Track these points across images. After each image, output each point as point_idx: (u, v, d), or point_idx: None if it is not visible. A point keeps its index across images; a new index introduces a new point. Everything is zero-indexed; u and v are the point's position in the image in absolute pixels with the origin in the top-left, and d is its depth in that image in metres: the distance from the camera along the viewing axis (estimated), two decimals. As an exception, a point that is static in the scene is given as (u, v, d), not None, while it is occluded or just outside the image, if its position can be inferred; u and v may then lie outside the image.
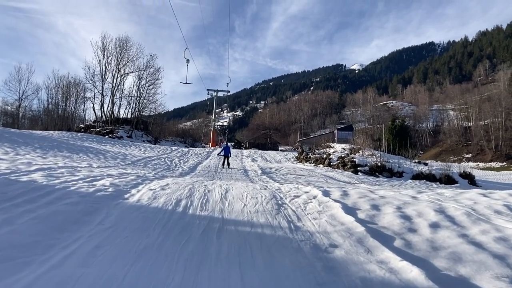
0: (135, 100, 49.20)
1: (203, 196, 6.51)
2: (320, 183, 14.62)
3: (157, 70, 50.85)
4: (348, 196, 6.66)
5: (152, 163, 18.09)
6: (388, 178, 20.96)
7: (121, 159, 17.97)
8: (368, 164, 22.16)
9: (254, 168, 20.70)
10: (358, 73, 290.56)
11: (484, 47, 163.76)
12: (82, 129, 44.62)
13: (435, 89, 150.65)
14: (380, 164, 21.79)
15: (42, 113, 59.66)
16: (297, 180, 15.40)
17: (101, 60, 46.01)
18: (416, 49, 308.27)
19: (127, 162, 16.82)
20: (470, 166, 63.05)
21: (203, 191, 7.18)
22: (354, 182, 17.34)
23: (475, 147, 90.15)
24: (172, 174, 13.43)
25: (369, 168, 21.78)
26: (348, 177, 19.24)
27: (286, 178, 15.76)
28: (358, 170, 21.60)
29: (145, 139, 45.21)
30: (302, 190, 7.75)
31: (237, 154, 32.59)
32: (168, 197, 6.19)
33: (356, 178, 19.08)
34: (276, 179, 14.82)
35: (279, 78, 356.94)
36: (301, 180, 15.17)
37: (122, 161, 16.75)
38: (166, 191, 6.77)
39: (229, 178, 14.25)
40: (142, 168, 14.34)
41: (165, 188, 7.18)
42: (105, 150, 20.98)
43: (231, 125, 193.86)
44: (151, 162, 18.54)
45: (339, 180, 17.54)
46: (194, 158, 25.07)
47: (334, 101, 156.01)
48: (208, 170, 17.54)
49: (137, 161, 17.94)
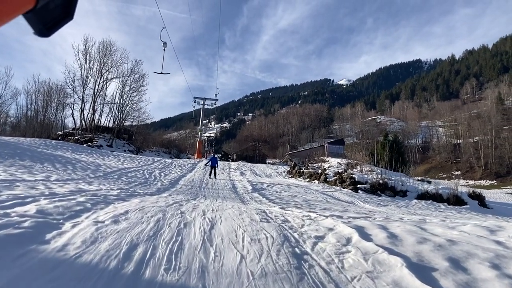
0: (118, 108, 46.58)
1: (176, 237, 4.19)
2: (321, 203, 12.55)
3: (142, 77, 48.42)
4: (398, 238, 4.34)
5: (127, 175, 15.76)
6: (391, 197, 19.00)
7: (93, 170, 15.61)
8: (368, 181, 20.15)
9: (244, 183, 18.49)
10: (345, 88, 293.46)
11: (471, 65, 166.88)
12: (60, 136, 41.86)
13: (423, 105, 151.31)
14: (382, 182, 19.79)
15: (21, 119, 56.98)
16: (293, 199, 13.29)
17: (83, 64, 43.46)
18: (403, 66, 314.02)
19: (98, 174, 14.47)
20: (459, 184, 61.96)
21: (177, 224, 4.93)
22: (357, 203, 15.28)
23: (465, 164, 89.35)
24: (147, 190, 11.16)
25: (369, 185, 19.77)
26: (348, 196, 17.17)
27: (282, 197, 13.62)
28: (358, 187, 19.57)
29: (126, 149, 42.56)
30: (322, 224, 5.51)
31: (224, 166, 30.41)
32: (117, 238, 3.84)
33: (358, 197, 17.03)
34: (270, 198, 12.67)
35: (267, 91, 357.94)
36: (298, 200, 13.06)
37: (93, 173, 14.40)
38: (120, 226, 4.45)
39: (215, 196, 12.04)
40: (113, 182, 12.05)
41: (120, 220, 4.84)
42: (77, 160, 18.57)
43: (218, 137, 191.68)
44: (127, 174, 16.21)
45: (340, 200, 15.47)
46: (177, 170, 22.81)
47: (323, 115, 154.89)
48: (191, 185, 15.27)
49: (111, 173, 15.60)
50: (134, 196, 8.50)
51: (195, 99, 46.44)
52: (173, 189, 12.77)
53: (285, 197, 13.60)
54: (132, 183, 12.73)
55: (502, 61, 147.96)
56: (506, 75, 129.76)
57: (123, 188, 10.45)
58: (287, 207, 9.27)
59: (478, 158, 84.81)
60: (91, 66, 44.06)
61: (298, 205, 10.84)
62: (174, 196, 10.07)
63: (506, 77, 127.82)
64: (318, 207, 10.65)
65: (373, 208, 14.02)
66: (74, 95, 44.22)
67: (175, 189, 12.86)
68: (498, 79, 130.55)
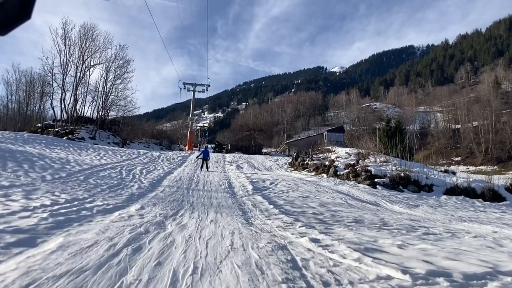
0: (102, 96, 43.02)
1: None
2: (345, 209, 9.74)
3: (126, 62, 44.85)
4: None
5: (98, 175, 12.68)
6: (415, 193, 16.15)
7: (55, 170, 12.51)
8: (387, 174, 17.24)
9: (242, 180, 15.45)
10: (339, 76, 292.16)
11: (465, 50, 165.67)
12: (39, 129, 38.42)
13: (418, 91, 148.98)
14: (403, 175, 16.89)
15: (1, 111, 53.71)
16: (307, 203, 10.39)
17: (62, 50, 39.76)
18: (396, 52, 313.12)
19: (59, 175, 11.38)
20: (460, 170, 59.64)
21: None
22: (383, 203, 12.43)
23: (465, 150, 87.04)
24: (112, 200, 8.11)
25: (389, 179, 16.86)
26: (368, 194, 14.28)
27: (292, 200, 10.67)
28: (375, 182, 16.66)
29: (111, 141, 39.18)
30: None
31: (219, 159, 27.37)
32: None
33: (380, 196, 14.13)
34: (279, 204, 9.67)
35: (261, 79, 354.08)
36: (314, 204, 10.15)
37: (52, 174, 11.32)
38: None
39: (207, 204, 9.00)
40: (69, 189, 9.04)
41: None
42: (42, 157, 15.42)
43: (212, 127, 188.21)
44: (98, 173, 13.13)
45: (361, 200, 12.59)
46: (164, 165, 19.82)
47: (318, 102, 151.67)
48: (178, 187, 12.21)
49: (77, 173, 12.52)
50: (76, 221, 5.45)
51: (185, 85, 42.85)
52: (151, 195, 9.71)
53: (295, 201, 10.65)
54: (97, 188, 9.68)
55: (496, 45, 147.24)
56: (501, 59, 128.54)
57: (76, 199, 7.47)
58: (309, 224, 6.26)
59: (479, 143, 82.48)
60: (71, 51, 40.43)
61: (319, 216, 7.96)
62: (146, 210, 7.07)
63: (501, 60, 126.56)
64: (348, 220, 7.77)
65: (405, 210, 11.19)
66: (53, 83, 40.65)
67: (153, 195, 9.78)
68: (493, 63, 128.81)
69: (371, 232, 6.04)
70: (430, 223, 8.52)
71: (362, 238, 5.27)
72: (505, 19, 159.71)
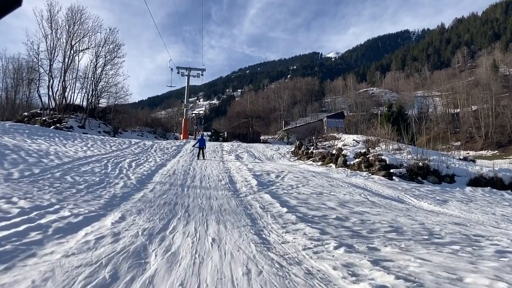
0: (91, 83, 40.83)
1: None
2: (368, 209, 8.19)
3: (117, 46, 42.58)
4: None
5: (79, 171, 10.90)
6: (436, 184, 14.56)
7: (29, 164, 10.71)
8: (403, 164, 15.59)
9: (244, 173, 13.71)
10: (334, 61, 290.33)
11: (461, 34, 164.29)
12: (25, 118, 36.41)
13: (414, 75, 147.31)
14: (422, 164, 15.25)
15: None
16: (322, 201, 8.81)
17: (48, 34, 37.46)
18: (391, 37, 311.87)
19: (32, 171, 9.60)
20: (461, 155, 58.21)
21: None
22: (407, 199, 10.86)
23: (464, 134, 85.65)
24: (87, 207, 6.38)
25: (406, 170, 15.22)
26: (387, 187, 12.65)
27: (305, 198, 9.00)
28: (391, 173, 15.02)
29: (102, 130, 37.19)
30: None
31: (216, 148, 25.65)
32: None
33: (401, 189, 12.55)
34: (291, 205, 8.00)
35: (256, 66, 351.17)
36: (331, 203, 8.53)
37: (23, 171, 9.53)
38: None
39: (207, 208, 7.28)
40: (36, 191, 7.33)
41: None
42: (18, 149, 13.59)
43: (208, 114, 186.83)
44: (79, 168, 11.34)
45: (382, 195, 10.97)
46: (157, 156, 18.14)
47: (314, 88, 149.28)
48: (171, 184, 10.45)
49: (54, 168, 10.71)
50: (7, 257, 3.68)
51: (179, 69, 40.56)
52: (137, 196, 7.99)
53: (309, 199, 8.98)
54: (72, 189, 7.94)
55: (493, 28, 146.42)
56: (498, 42, 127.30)
57: (38, 208, 5.79)
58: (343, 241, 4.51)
59: (478, 127, 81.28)
60: (58, 36, 38.12)
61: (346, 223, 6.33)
62: (125, 223, 5.37)
63: (498, 44, 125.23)
64: (385, 228, 6.15)
65: (437, 208, 9.61)
66: (39, 69, 38.37)
67: (140, 196, 8.05)
68: (490, 47, 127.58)
69: (433, 255, 4.36)
70: (481, 228, 6.91)
71: (435, 273, 3.60)
72: (501, 2, 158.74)
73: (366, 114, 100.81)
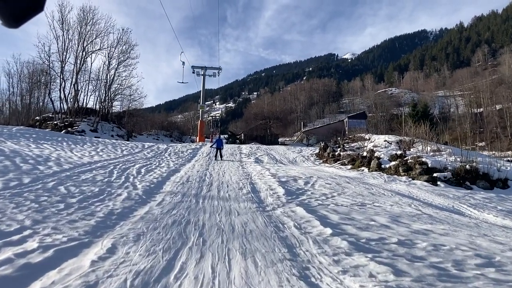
0: (104, 85, 39.69)
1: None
2: (422, 221, 6.51)
3: (130, 47, 41.39)
4: None
5: (78, 179, 9.36)
6: (488, 190, 12.63)
7: (20, 172, 9.26)
8: (448, 167, 13.69)
9: (267, 179, 11.99)
10: (351, 62, 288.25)
11: (481, 32, 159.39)
12: (37, 122, 35.43)
13: (433, 75, 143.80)
14: (469, 168, 13.33)
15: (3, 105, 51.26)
16: (368, 215, 7.17)
17: (60, 35, 36.49)
18: (408, 37, 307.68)
19: (20, 181, 8.12)
20: (509, 156, 55.66)
21: None
22: (465, 210, 9.08)
23: (489, 134, 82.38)
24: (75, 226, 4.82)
25: (451, 173, 13.33)
26: (435, 195, 10.80)
27: (347, 212, 7.27)
28: (435, 177, 13.14)
29: (115, 133, 35.97)
30: None
31: (234, 151, 24.09)
32: None
33: (452, 197, 10.69)
34: (334, 222, 6.30)
35: (271, 68, 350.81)
36: (380, 218, 6.81)
37: (9, 180, 8.04)
38: None
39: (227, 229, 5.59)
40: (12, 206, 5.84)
41: None
42: (14, 155, 12.16)
43: (224, 117, 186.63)
44: (79, 176, 9.80)
45: (434, 205, 9.20)
46: (171, 161, 16.64)
47: (332, 89, 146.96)
48: (183, 194, 8.82)
49: (48, 177, 9.17)
50: None
51: (194, 69, 38.92)
52: (140, 213, 6.35)
53: (353, 213, 7.25)
54: (59, 204, 6.38)
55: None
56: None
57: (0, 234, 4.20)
58: None
59: (504, 127, 78.13)
60: (70, 37, 37.14)
61: (417, 252, 4.66)
62: (113, 261, 3.75)
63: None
64: (475, 261, 4.42)
65: (506, 222, 7.82)
66: (50, 72, 37.39)
67: (144, 213, 6.41)
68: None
69: None
70: None
71: None
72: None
73: (386, 115, 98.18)
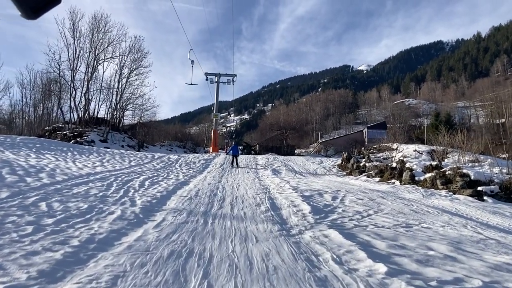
0: (116, 94, 38.68)
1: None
2: (492, 250, 5.02)
3: (143, 55, 40.45)
4: None
5: (69, 193, 7.96)
6: (543, 206, 10.81)
7: (2, 185, 7.94)
8: (494, 179, 11.95)
9: (288, 193, 10.40)
10: (366, 74, 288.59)
11: (500, 42, 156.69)
12: (47, 132, 34.54)
13: (450, 86, 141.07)
14: (520, 180, 11.59)
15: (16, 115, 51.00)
16: (420, 240, 5.49)
17: (71, 43, 35.74)
18: (424, 48, 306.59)
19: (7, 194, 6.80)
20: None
21: None
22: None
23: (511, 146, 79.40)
24: (24, 266, 3.36)
25: (499, 187, 11.59)
26: (489, 212, 9.12)
27: (394, 238, 5.67)
28: (480, 192, 11.41)
29: (126, 144, 34.85)
30: None
31: (249, 162, 22.60)
32: None
33: (510, 215, 8.96)
34: (384, 253, 4.75)
35: (286, 80, 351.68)
36: (442, 248, 5.18)
37: None
38: None
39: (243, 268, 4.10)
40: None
41: None
42: (4, 164, 10.93)
43: (239, 129, 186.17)
44: (70, 190, 8.40)
45: (492, 226, 7.53)
46: (181, 172, 15.24)
47: (348, 100, 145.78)
48: (189, 212, 7.32)
49: (32, 191, 7.76)
50: None
51: (207, 75, 37.56)
52: (128, 240, 4.89)
53: (400, 238, 5.66)
54: (27, 227, 4.98)
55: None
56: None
57: None
58: None
59: (528, 138, 74.97)
60: (81, 45, 36.38)
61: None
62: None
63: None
64: None
65: None
66: (61, 81, 36.62)
67: (134, 239, 4.92)
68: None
69: None
70: None
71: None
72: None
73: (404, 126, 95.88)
